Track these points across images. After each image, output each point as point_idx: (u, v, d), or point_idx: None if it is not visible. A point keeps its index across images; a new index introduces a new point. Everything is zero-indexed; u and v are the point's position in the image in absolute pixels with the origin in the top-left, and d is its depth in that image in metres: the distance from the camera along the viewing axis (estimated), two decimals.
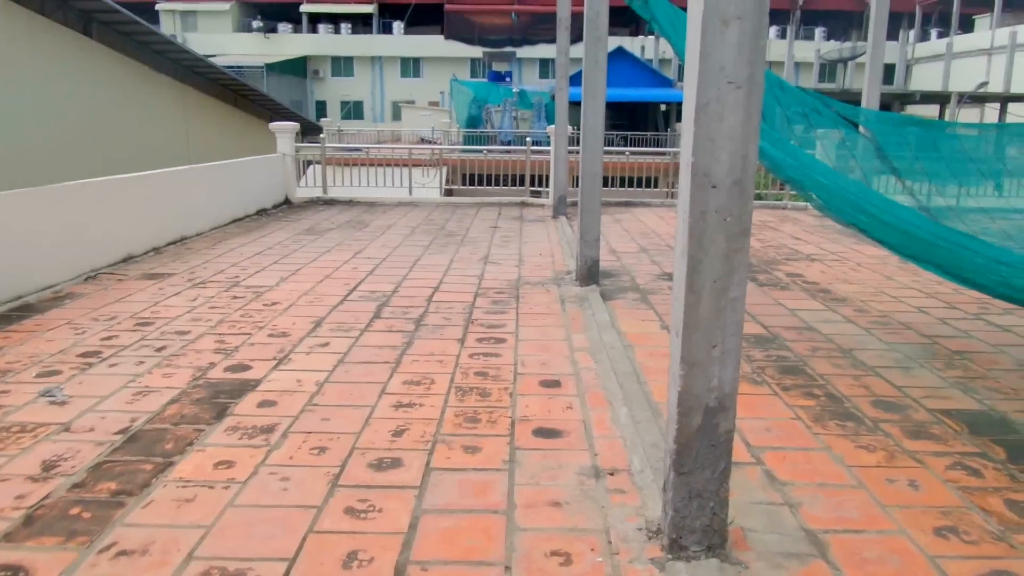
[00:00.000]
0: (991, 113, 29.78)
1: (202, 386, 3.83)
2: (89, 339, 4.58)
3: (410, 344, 4.57)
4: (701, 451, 2.32)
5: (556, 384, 3.91)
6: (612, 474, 2.92)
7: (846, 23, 47.76)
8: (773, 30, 45.46)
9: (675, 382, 2.31)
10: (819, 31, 47.67)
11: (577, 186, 12.38)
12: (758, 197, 13.60)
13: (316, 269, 6.76)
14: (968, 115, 30.12)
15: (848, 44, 40.94)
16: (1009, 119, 28.99)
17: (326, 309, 5.37)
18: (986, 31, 37.74)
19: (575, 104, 12.20)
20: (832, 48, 42.71)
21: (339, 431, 3.29)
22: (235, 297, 5.67)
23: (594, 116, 5.89)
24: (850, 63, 39.20)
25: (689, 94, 2.16)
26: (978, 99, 28.42)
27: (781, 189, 13.26)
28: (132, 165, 11.41)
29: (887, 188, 5.13)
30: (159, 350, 4.39)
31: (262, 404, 3.60)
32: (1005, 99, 28.81)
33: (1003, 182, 5.17)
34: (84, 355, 4.27)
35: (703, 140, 2.11)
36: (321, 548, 2.39)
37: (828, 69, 42.34)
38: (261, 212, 10.32)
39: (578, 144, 12.36)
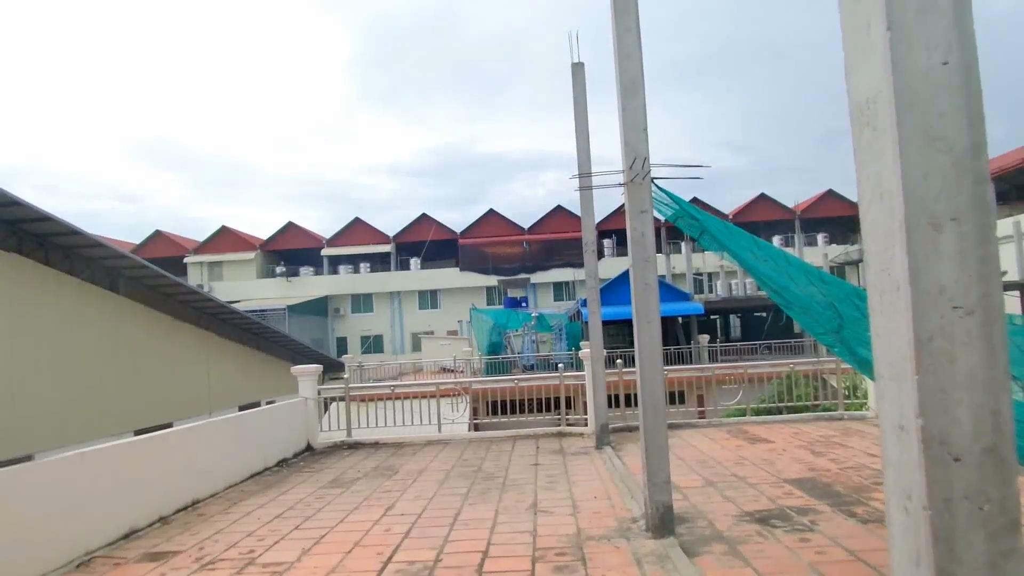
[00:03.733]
0: (1012, 302, 29.49)
1: None
2: None
3: None
4: None
5: None
6: None
7: (844, 227, 49.46)
8: (776, 239, 46.94)
9: None
10: (820, 237, 49.17)
11: (615, 408, 11.74)
12: (804, 408, 12.74)
13: (343, 534, 5.87)
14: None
15: (855, 247, 41.95)
16: None
17: None
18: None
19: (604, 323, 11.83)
20: (840, 252, 43.74)
21: None
22: None
23: (650, 341, 5.31)
24: (860, 264, 39.83)
25: (890, 325, 1.52)
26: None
27: (819, 400, 12.44)
28: (153, 414, 10.86)
29: None
30: None
31: None
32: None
33: None
34: None
35: (932, 392, 1.44)
36: None
37: (838, 272, 43.00)
38: (282, 463, 9.55)
39: (612, 366, 11.88)
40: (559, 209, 52.02)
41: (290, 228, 53.79)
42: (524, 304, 41.29)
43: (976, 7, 1.59)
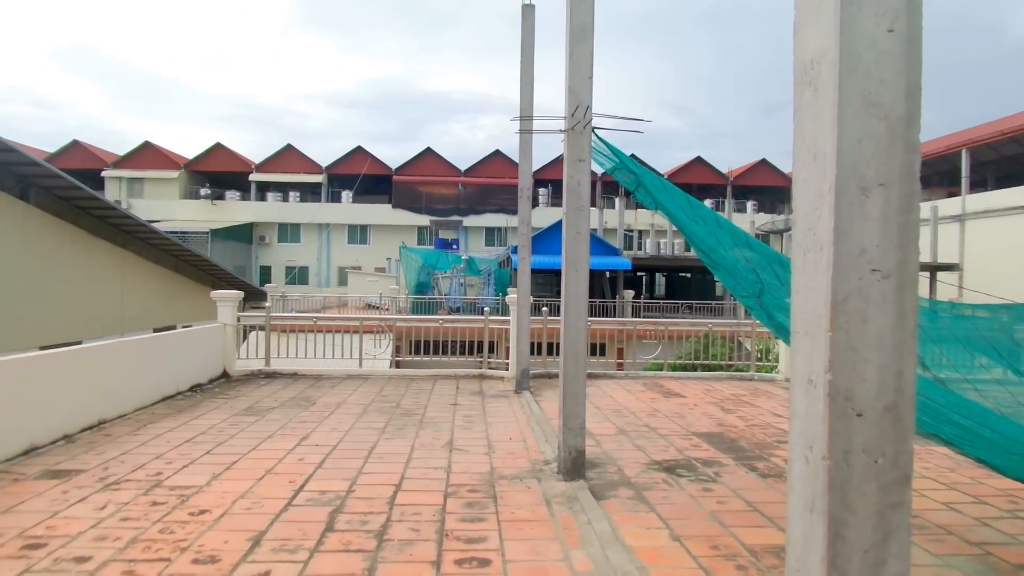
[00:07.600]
0: (921, 282, 31.28)
1: None
2: None
3: (372, 572, 3.67)
4: None
5: None
6: None
7: (773, 197, 50.81)
8: (708, 202, 47.85)
9: None
10: (750, 204, 50.38)
11: (536, 355, 11.91)
12: (718, 367, 13.20)
13: (256, 461, 5.82)
14: None
15: (781, 216, 43.19)
16: (939, 287, 30.36)
17: (267, 519, 4.43)
18: None
19: (533, 272, 11.89)
20: (766, 220, 44.99)
21: None
22: (155, 503, 4.69)
23: (576, 290, 5.37)
24: (785, 234, 41.14)
25: (810, 283, 1.57)
26: None
27: (733, 360, 12.93)
28: (62, 330, 10.43)
29: None
30: None
31: None
32: (934, 268, 30.25)
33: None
34: None
35: (843, 349, 1.49)
36: None
37: (763, 239, 44.33)
38: (196, 388, 9.35)
39: (537, 313, 12.00)
40: (497, 154, 51.57)
41: (218, 149, 51.69)
42: (455, 246, 41.09)
43: None
